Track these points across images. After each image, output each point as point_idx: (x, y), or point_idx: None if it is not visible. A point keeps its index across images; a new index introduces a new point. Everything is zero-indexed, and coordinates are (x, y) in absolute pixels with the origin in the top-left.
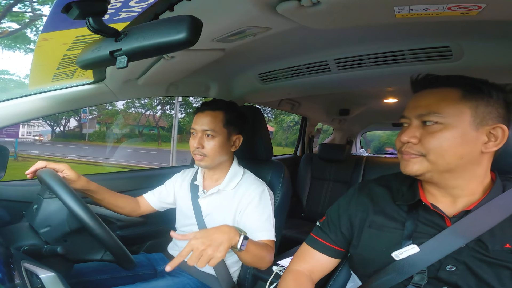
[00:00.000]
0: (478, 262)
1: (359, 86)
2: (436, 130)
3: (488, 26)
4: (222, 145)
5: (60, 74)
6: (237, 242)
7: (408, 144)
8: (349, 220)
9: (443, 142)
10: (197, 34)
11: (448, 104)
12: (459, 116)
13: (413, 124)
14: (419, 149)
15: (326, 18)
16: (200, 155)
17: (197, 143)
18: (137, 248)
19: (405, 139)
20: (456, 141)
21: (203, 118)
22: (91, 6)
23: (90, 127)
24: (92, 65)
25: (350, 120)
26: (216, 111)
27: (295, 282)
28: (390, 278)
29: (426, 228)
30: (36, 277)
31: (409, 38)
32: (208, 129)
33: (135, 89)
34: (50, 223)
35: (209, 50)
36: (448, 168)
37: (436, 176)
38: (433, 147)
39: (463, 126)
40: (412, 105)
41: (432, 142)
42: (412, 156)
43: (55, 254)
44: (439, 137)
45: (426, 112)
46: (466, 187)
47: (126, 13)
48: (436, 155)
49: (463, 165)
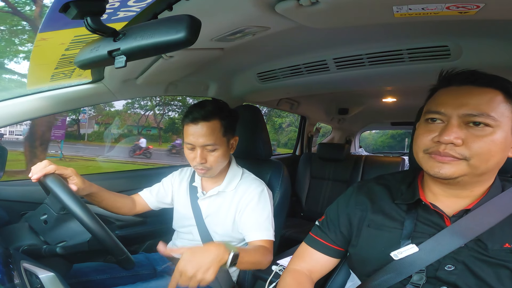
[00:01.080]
0: (477, 262)
1: (358, 85)
2: (487, 134)
3: (486, 25)
4: (224, 154)
5: (59, 73)
6: (226, 261)
7: (449, 146)
8: (348, 219)
9: (492, 146)
10: (196, 34)
11: (498, 106)
12: (507, 120)
13: (453, 123)
14: (463, 152)
15: (325, 18)
16: (203, 168)
17: (199, 158)
18: (136, 248)
19: (447, 139)
20: (502, 146)
21: (198, 131)
22: (89, 5)
23: (89, 127)
24: (91, 64)
25: (349, 119)
26: (211, 121)
27: (294, 281)
28: (389, 277)
29: (425, 227)
30: (35, 277)
31: (407, 37)
32: (209, 144)
33: (134, 88)
34: (66, 239)
35: (208, 50)
36: (486, 172)
37: (467, 180)
38: (482, 152)
39: (508, 130)
40: (453, 102)
41: (482, 146)
42: (452, 159)
43: (55, 254)
44: (490, 141)
45: (478, 112)
46: (476, 188)
47: (124, 13)
48: (481, 160)
49: (496, 169)
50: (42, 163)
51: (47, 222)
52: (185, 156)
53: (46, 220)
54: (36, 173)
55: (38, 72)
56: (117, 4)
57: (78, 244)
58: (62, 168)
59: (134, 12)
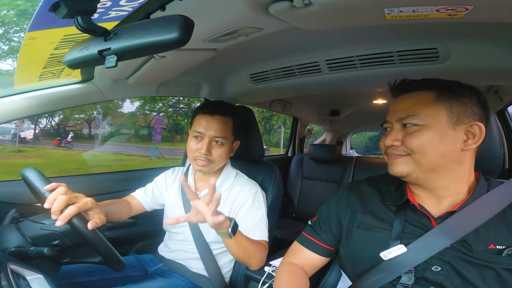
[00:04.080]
0: (462, 263)
1: (349, 87)
2: (416, 131)
3: (475, 28)
4: (228, 152)
5: (47, 73)
6: (228, 226)
7: (393, 147)
8: (338, 219)
9: (423, 141)
10: (189, 34)
11: (424, 106)
12: (435, 117)
13: (395, 127)
14: (404, 149)
15: (317, 19)
16: (205, 161)
17: (205, 149)
18: (127, 249)
19: (388, 143)
20: (435, 140)
21: (213, 122)
22: (80, 4)
23: (102, 128)
24: (80, 64)
25: (340, 121)
26: (226, 116)
27: (290, 270)
28: (380, 278)
29: (413, 228)
30: (23, 279)
31: (398, 40)
32: (219, 136)
33: (125, 88)
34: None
35: (200, 50)
36: (432, 167)
37: (421, 176)
38: (415, 146)
39: (440, 126)
40: (392, 110)
41: (413, 141)
42: (397, 156)
43: (42, 255)
44: (419, 136)
45: (405, 115)
46: (450, 187)
47: (116, 12)
48: (420, 154)
49: (445, 164)
50: (62, 199)
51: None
52: (187, 147)
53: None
54: (60, 218)
55: (26, 71)
56: (109, 4)
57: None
58: (83, 203)
59: (126, 11)
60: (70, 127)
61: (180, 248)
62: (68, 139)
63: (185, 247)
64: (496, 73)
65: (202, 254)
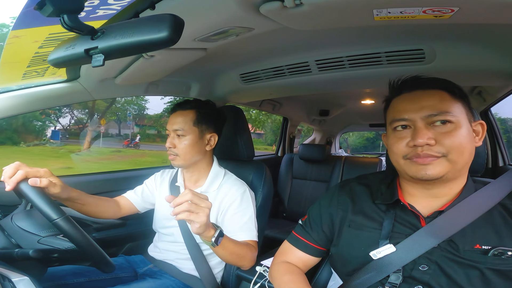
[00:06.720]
0: (449, 262)
1: (338, 87)
2: (451, 129)
3: (460, 30)
4: (194, 144)
5: (31, 72)
6: (212, 236)
7: (425, 147)
8: (330, 218)
9: (461, 139)
10: (179, 33)
11: (449, 103)
12: (462, 114)
13: (420, 125)
14: (439, 150)
15: (308, 20)
16: (173, 154)
17: (169, 142)
18: (116, 251)
19: (422, 142)
20: (468, 138)
21: (174, 118)
22: (66, 2)
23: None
24: (66, 63)
25: (329, 120)
26: (186, 110)
27: (289, 269)
28: (369, 277)
29: (402, 228)
30: (8, 281)
31: (385, 40)
32: (178, 129)
33: (112, 88)
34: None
35: (190, 50)
36: (463, 166)
37: (450, 176)
38: (455, 146)
39: (466, 123)
40: (412, 107)
41: (453, 140)
42: (433, 158)
43: (27, 257)
44: (457, 135)
45: (437, 111)
46: (453, 186)
47: (104, 11)
48: (458, 154)
49: (469, 162)
50: (12, 166)
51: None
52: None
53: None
54: (8, 183)
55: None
56: (97, 2)
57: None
58: (35, 170)
59: (115, 10)
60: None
61: (170, 248)
62: (136, 141)
63: (175, 248)
64: (479, 74)
65: (193, 254)
